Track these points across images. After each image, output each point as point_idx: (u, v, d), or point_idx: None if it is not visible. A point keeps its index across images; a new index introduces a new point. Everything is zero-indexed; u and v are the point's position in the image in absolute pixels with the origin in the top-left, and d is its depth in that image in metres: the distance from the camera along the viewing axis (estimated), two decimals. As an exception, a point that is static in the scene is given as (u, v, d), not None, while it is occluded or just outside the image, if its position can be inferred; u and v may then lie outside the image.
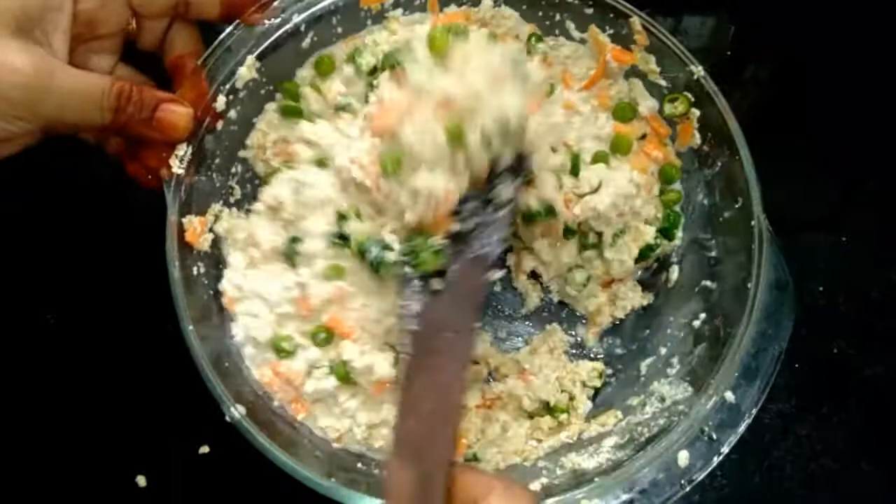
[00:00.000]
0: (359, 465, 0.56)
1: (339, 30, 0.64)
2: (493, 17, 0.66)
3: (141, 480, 0.60)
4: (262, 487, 0.59)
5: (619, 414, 0.59)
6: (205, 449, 0.59)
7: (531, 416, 0.62)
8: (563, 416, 0.61)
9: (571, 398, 0.62)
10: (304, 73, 0.65)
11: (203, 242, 0.58)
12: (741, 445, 0.61)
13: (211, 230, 0.59)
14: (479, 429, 0.61)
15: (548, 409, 0.61)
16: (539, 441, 0.60)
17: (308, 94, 0.64)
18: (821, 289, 0.69)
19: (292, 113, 0.63)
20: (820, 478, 0.63)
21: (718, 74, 0.76)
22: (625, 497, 0.50)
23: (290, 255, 0.57)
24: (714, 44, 0.80)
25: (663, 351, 0.61)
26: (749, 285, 0.54)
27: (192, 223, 0.57)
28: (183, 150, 0.56)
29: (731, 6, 0.81)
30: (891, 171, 0.75)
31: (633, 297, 0.66)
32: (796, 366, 0.66)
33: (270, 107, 0.64)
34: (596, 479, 0.51)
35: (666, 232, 0.64)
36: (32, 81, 0.48)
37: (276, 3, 0.61)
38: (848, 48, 0.80)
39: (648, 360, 0.62)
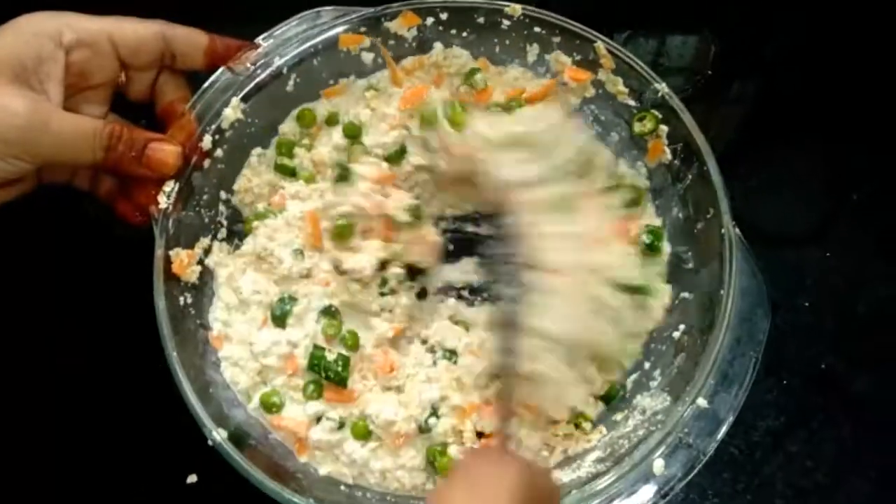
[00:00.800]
0: (342, 487, 0.57)
1: (323, 74, 0.68)
2: (446, 58, 0.69)
3: None
4: None
5: (604, 429, 0.59)
6: (192, 478, 0.60)
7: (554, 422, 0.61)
8: (588, 424, 0.59)
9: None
10: (286, 127, 0.68)
11: (191, 274, 0.60)
12: (731, 463, 0.61)
13: (200, 262, 0.62)
14: None
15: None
16: (550, 451, 0.59)
17: (299, 152, 0.68)
18: (807, 304, 0.69)
19: (286, 171, 0.67)
20: (811, 494, 0.62)
21: (701, 93, 0.79)
22: (609, 506, 0.49)
23: (282, 317, 0.60)
24: (696, 64, 0.82)
25: (647, 365, 0.61)
26: (722, 292, 0.55)
27: (179, 255, 0.59)
28: (171, 186, 0.59)
29: (712, 26, 0.83)
30: (874, 185, 0.76)
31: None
32: (784, 382, 0.65)
33: (256, 152, 0.67)
34: (573, 492, 0.50)
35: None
36: (29, 123, 0.52)
37: (259, 50, 0.65)
38: (830, 65, 0.81)
39: (634, 376, 0.62)
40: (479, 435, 0.58)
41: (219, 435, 0.52)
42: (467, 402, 0.58)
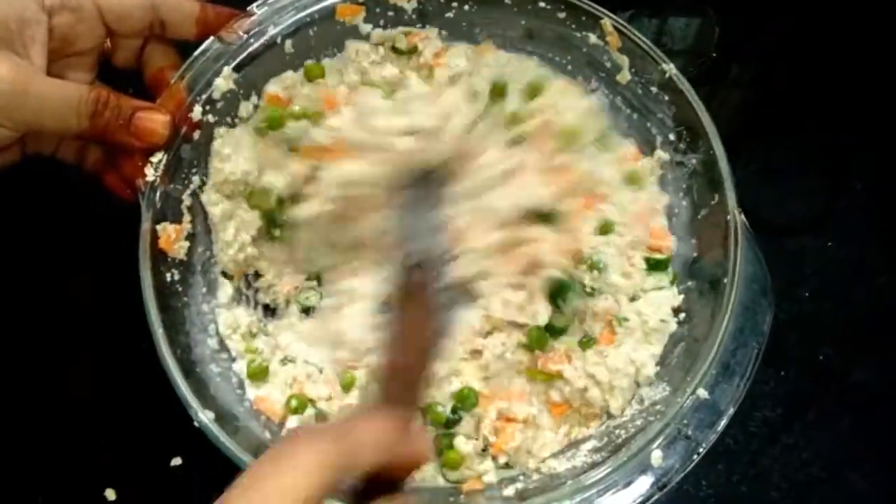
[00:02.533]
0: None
1: (319, 43, 0.66)
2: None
3: (110, 494, 0.58)
4: None
5: (602, 418, 0.57)
6: (176, 461, 0.59)
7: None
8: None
9: None
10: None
11: (178, 250, 0.58)
12: (727, 454, 0.60)
13: (189, 237, 0.60)
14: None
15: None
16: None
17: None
18: (807, 294, 0.68)
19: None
20: (807, 486, 0.61)
21: (704, 76, 0.77)
22: (599, 499, 0.48)
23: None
24: (699, 46, 0.80)
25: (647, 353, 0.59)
26: (725, 281, 0.53)
27: (167, 230, 0.57)
28: (159, 157, 0.57)
29: (716, 8, 0.81)
30: (877, 174, 0.74)
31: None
32: (782, 373, 0.64)
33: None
34: (569, 483, 0.49)
35: None
36: (11, 87, 0.49)
37: (252, 18, 0.62)
38: (834, 50, 0.80)
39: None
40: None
41: (205, 416, 0.51)
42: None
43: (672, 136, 0.62)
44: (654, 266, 0.59)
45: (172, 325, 0.54)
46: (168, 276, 0.57)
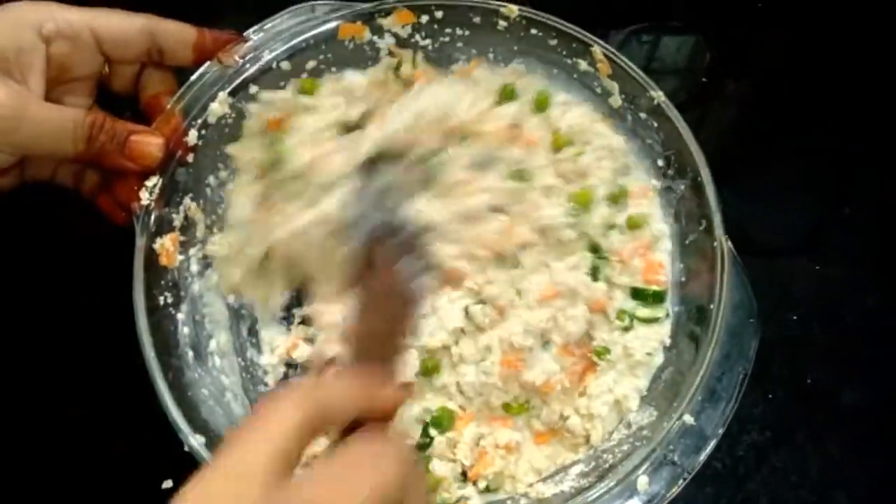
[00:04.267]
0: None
1: (311, 67, 0.67)
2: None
3: None
4: None
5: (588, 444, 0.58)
6: (167, 483, 0.59)
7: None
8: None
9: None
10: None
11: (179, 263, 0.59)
12: (715, 477, 0.60)
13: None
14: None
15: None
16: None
17: None
18: (794, 317, 0.68)
19: None
20: None
21: (695, 99, 0.78)
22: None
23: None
24: (690, 68, 0.81)
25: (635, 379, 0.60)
26: (711, 307, 0.54)
27: (165, 245, 0.58)
28: (153, 181, 0.58)
29: (707, 31, 0.82)
30: (867, 197, 0.75)
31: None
32: (770, 396, 0.65)
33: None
34: (556, 507, 0.50)
35: None
36: (8, 112, 0.51)
37: (248, 44, 0.63)
38: (824, 76, 0.80)
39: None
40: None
41: (195, 441, 0.51)
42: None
43: (661, 162, 0.63)
44: (644, 297, 0.60)
45: (165, 348, 0.55)
46: (161, 299, 0.58)
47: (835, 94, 0.79)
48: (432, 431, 0.57)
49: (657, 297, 0.60)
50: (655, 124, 0.63)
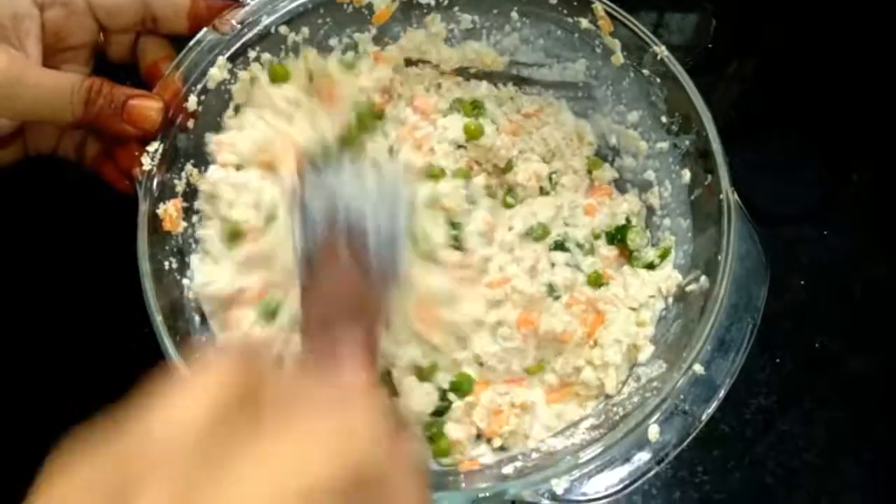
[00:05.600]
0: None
1: (309, 31, 0.66)
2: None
3: None
4: None
5: (600, 398, 0.58)
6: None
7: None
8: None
9: None
10: None
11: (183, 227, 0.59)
12: (722, 441, 0.61)
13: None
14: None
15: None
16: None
17: None
18: (802, 283, 0.68)
19: None
20: (802, 474, 0.61)
21: (700, 68, 0.77)
22: (598, 475, 0.49)
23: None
24: (696, 39, 0.81)
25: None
26: (720, 258, 0.54)
27: (168, 211, 0.58)
28: (154, 146, 0.58)
29: (713, 2, 0.81)
30: (874, 165, 0.75)
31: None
32: (777, 360, 0.65)
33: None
34: (567, 459, 0.50)
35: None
36: (6, 77, 0.50)
37: (245, 9, 0.62)
38: (831, 42, 0.80)
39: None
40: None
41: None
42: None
43: (665, 119, 0.63)
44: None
45: (171, 312, 0.55)
46: (166, 263, 0.57)
47: (841, 62, 0.79)
48: (451, 396, 0.57)
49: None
50: (658, 80, 0.62)
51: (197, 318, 0.58)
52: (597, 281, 0.60)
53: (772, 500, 0.61)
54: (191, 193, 0.61)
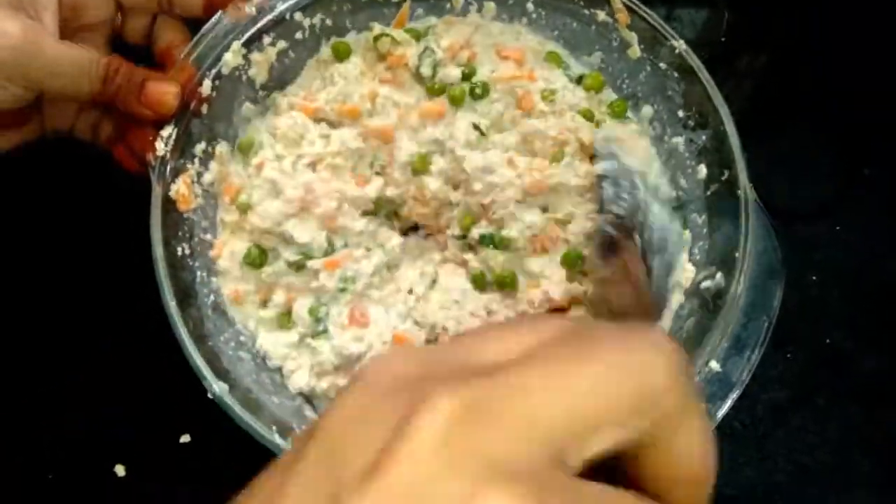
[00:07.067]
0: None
1: (329, 21, 0.65)
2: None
3: (119, 470, 0.58)
4: (245, 477, 0.57)
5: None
6: (185, 437, 0.59)
7: None
8: None
9: None
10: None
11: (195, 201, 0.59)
12: (733, 436, 0.60)
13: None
14: None
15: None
16: None
17: None
18: (814, 278, 0.68)
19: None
20: (814, 471, 0.61)
21: (713, 63, 0.77)
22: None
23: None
24: (708, 33, 0.80)
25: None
26: (737, 255, 0.54)
27: (179, 190, 0.57)
28: (168, 131, 0.57)
29: (726, -3, 0.81)
30: (889, 160, 0.74)
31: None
32: (788, 355, 0.65)
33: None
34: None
35: None
36: (22, 45, 0.49)
37: (260, -8, 0.62)
38: (844, 35, 0.79)
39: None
40: None
41: (219, 387, 0.50)
42: None
43: (681, 113, 0.62)
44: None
45: (185, 297, 0.54)
46: (179, 249, 0.57)
47: (855, 56, 0.78)
48: None
49: None
50: (676, 74, 0.62)
51: (209, 303, 0.57)
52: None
53: (783, 497, 0.61)
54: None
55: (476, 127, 0.61)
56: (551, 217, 0.60)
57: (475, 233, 0.61)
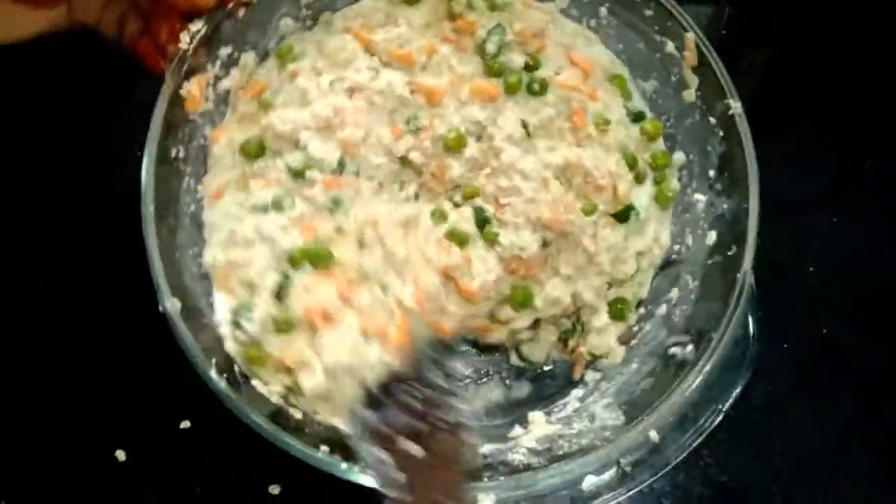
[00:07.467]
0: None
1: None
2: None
3: (120, 455, 0.58)
4: (244, 463, 0.58)
5: (548, 418, 0.58)
6: (185, 423, 0.58)
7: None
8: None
9: None
10: None
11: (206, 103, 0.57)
12: (729, 427, 0.57)
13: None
14: None
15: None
16: None
17: None
18: (812, 269, 0.68)
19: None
20: (808, 461, 0.62)
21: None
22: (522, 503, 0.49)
23: None
24: (710, 27, 0.77)
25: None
26: (713, 336, 0.53)
27: (191, 90, 0.55)
28: (198, 26, 0.54)
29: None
30: (888, 153, 0.73)
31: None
32: (785, 346, 0.64)
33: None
34: (501, 479, 0.50)
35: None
36: None
37: None
38: (844, 30, 0.77)
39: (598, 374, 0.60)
40: None
41: (171, 303, 0.49)
42: None
43: (712, 173, 0.60)
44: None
45: (165, 203, 0.53)
46: (174, 151, 0.55)
47: (856, 50, 0.77)
48: None
49: None
50: (721, 134, 0.59)
51: (188, 218, 0.56)
52: None
53: (781, 489, 0.61)
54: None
55: (525, 125, 0.59)
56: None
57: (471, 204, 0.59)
